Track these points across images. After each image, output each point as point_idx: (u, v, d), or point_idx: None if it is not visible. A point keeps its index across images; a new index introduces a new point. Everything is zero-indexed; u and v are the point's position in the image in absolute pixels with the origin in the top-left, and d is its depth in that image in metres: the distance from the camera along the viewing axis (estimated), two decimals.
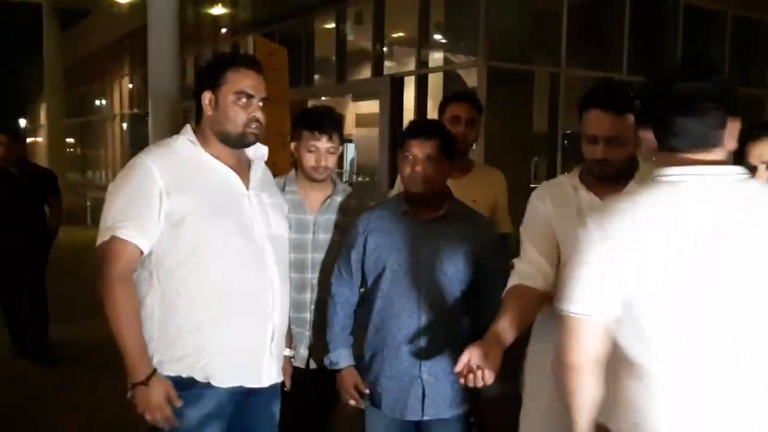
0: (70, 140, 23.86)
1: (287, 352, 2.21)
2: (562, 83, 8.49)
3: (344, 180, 12.79)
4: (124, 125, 19.98)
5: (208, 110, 1.97)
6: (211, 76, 1.98)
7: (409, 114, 8.93)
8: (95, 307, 1.90)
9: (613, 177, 1.91)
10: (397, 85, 9.18)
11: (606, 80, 8.47)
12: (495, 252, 2.13)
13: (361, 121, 13.68)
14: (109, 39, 19.92)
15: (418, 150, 2.06)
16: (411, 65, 9.21)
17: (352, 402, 2.20)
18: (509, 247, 2.57)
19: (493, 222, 2.22)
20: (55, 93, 17.52)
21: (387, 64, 10.04)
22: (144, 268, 1.90)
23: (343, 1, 10.49)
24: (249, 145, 2.01)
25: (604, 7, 9.31)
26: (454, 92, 2.80)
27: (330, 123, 2.38)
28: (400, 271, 2.08)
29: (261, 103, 1.98)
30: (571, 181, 2.02)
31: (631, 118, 1.84)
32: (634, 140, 1.84)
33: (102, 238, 1.85)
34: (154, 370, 1.86)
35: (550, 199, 2.05)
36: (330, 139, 2.35)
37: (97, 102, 23.41)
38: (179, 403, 1.87)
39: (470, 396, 2.12)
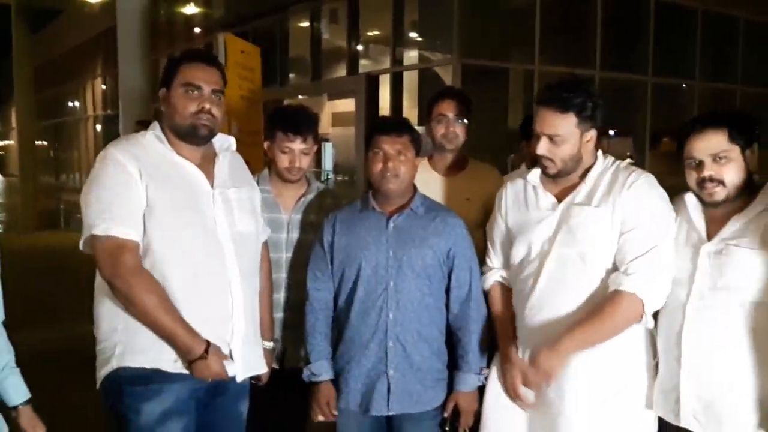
0: (43, 143, 23.48)
1: (267, 344, 2.20)
2: (537, 80, 8.53)
3: (324, 179, 12.77)
4: (98, 127, 19.72)
5: (162, 107, 1.96)
6: (165, 74, 1.98)
7: (384, 112, 8.92)
8: (72, 308, 1.87)
9: (560, 175, 1.96)
10: (372, 83, 9.16)
11: (568, 76, 8.53)
12: (465, 247, 2.11)
13: (338, 120, 13.64)
14: (81, 39, 19.65)
15: (389, 146, 2.05)
16: (386, 63, 9.19)
17: (320, 418, 2.18)
18: None
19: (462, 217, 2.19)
20: (25, 95, 17.20)
21: (362, 62, 10.02)
22: None
23: None
24: (203, 137, 1.97)
25: (577, 3, 9.36)
26: (442, 89, 2.76)
27: (305, 124, 2.36)
28: (368, 267, 2.07)
29: (216, 96, 1.95)
30: (532, 180, 2.05)
31: (572, 118, 1.89)
32: (579, 138, 1.91)
33: (85, 235, 1.83)
34: (208, 343, 1.87)
35: (506, 201, 2.13)
36: (304, 140, 2.34)
37: (70, 103, 23.07)
38: (154, 408, 1.86)
39: (444, 391, 2.13)
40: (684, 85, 10.26)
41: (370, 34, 10.21)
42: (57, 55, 22.04)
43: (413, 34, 9.67)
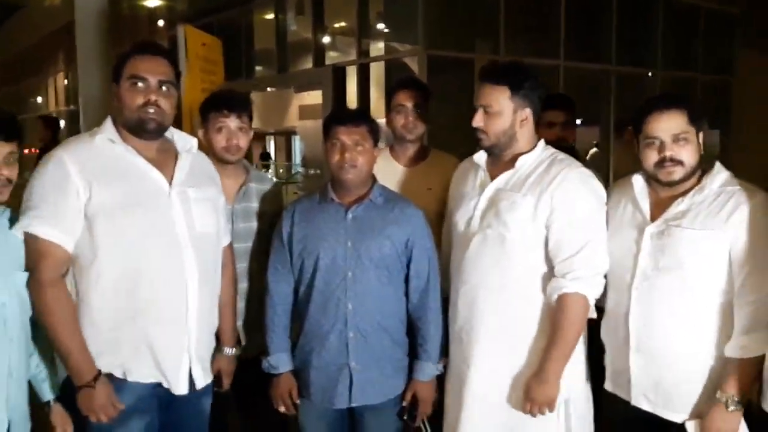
0: None
1: (229, 351, 2.18)
2: None
3: (294, 173, 12.65)
4: (62, 122, 19.40)
5: (114, 102, 1.93)
6: (115, 69, 1.94)
7: (352, 104, 8.89)
8: None
9: (494, 149, 2.03)
10: (339, 75, 9.12)
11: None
12: (423, 236, 2.12)
13: (305, 112, 13.56)
14: (42, 34, 19.26)
15: (346, 137, 2.04)
16: (352, 55, 9.17)
17: (282, 409, 2.17)
18: None
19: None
20: None
21: (329, 54, 9.99)
22: None
23: None
24: (151, 130, 1.92)
25: None
26: (399, 79, 2.76)
27: (237, 101, 2.33)
28: (327, 258, 2.06)
29: (165, 88, 1.91)
30: (477, 159, 2.12)
31: (506, 91, 1.96)
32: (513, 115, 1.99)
33: (18, 229, 1.79)
34: (99, 372, 1.82)
35: (454, 181, 2.21)
36: (239, 117, 2.31)
37: (33, 100, 22.65)
38: (122, 406, 1.85)
39: (404, 380, 2.13)
40: (650, 74, 10.39)
41: (336, 25, 10.18)
42: (19, 51, 21.62)
43: (379, 26, 9.66)
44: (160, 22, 12.85)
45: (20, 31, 21.53)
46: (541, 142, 2.06)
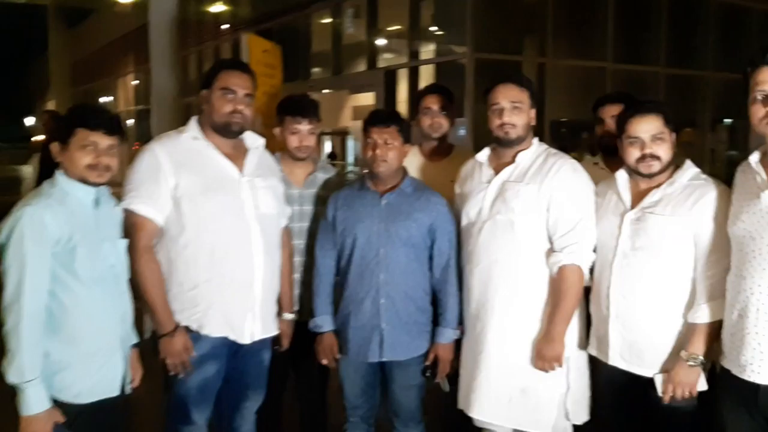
0: None
1: (288, 316, 2.61)
2: (548, 73, 8.82)
3: (347, 172, 13.16)
4: (131, 121, 20.36)
5: (203, 105, 2.38)
6: (207, 78, 2.41)
7: (402, 105, 9.26)
8: None
9: (517, 141, 2.38)
10: (390, 77, 9.52)
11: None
12: (445, 221, 2.49)
13: (358, 113, 13.99)
14: (113, 37, 20.25)
15: (378, 135, 2.44)
16: (404, 58, 9.52)
17: (324, 361, 2.60)
18: None
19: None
20: (62, 90, 17.90)
21: (382, 56, 10.35)
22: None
23: None
24: (235, 132, 2.40)
25: None
26: (426, 86, 3.18)
27: (309, 108, 2.76)
28: (362, 237, 2.47)
29: (248, 99, 2.38)
30: (479, 158, 2.50)
31: (527, 92, 2.37)
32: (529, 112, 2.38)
33: (120, 206, 2.22)
34: (177, 325, 2.27)
35: (461, 179, 2.58)
36: (310, 122, 2.73)
37: (103, 99, 23.78)
38: (194, 354, 2.29)
39: (427, 341, 2.51)
40: (703, 75, 10.39)
41: (388, 29, 10.54)
42: (91, 52, 22.74)
43: (430, 29, 9.98)
44: (224, 27, 13.49)
45: (93, 33, 22.57)
46: (536, 140, 2.44)
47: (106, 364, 2.05)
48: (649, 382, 2.17)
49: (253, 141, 2.49)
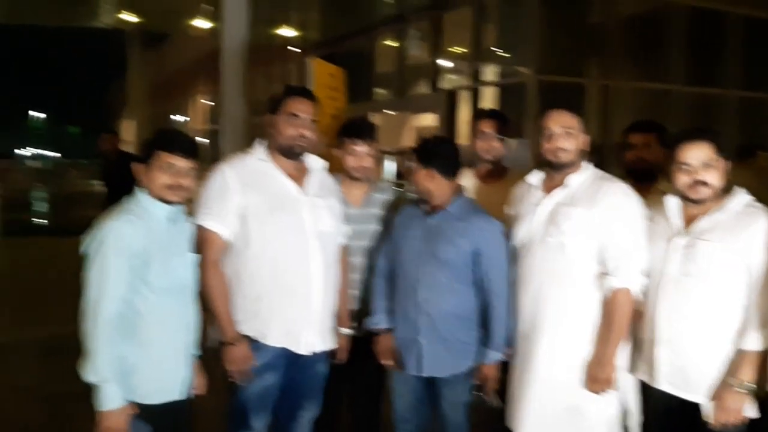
0: None
1: (345, 331, 2.73)
2: (613, 95, 8.73)
3: (408, 192, 13.30)
4: (203, 140, 21.08)
5: (269, 128, 2.55)
6: (273, 103, 2.58)
7: (464, 127, 9.33)
8: None
9: (569, 165, 2.44)
10: (452, 99, 9.62)
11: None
12: (490, 246, 2.52)
13: (420, 134, 14.15)
14: (187, 59, 21.12)
15: (419, 171, 2.55)
16: (466, 80, 9.61)
17: (383, 362, 2.69)
18: None
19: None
20: (139, 110, 18.73)
21: (445, 78, 10.47)
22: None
23: (404, 19, 11.02)
24: (298, 155, 2.55)
25: (655, 19, 9.46)
26: (481, 109, 3.26)
27: (366, 130, 2.88)
28: (407, 254, 2.58)
29: (311, 124, 2.53)
30: (531, 180, 2.57)
31: (577, 118, 2.46)
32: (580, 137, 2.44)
33: (192, 222, 2.38)
34: (239, 335, 2.43)
35: (512, 201, 2.65)
36: (368, 144, 2.85)
37: (177, 118, 24.71)
38: (255, 363, 2.43)
39: (471, 359, 2.56)
40: None
41: (451, 51, 10.67)
42: (167, 74, 23.75)
43: (492, 51, 10.04)
44: (292, 50, 13.91)
45: (169, 57, 23.56)
46: (586, 163, 2.47)
47: (173, 368, 2.21)
48: (697, 407, 2.17)
49: (315, 163, 2.64)
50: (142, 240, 2.09)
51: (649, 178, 2.78)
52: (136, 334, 2.11)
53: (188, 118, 22.92)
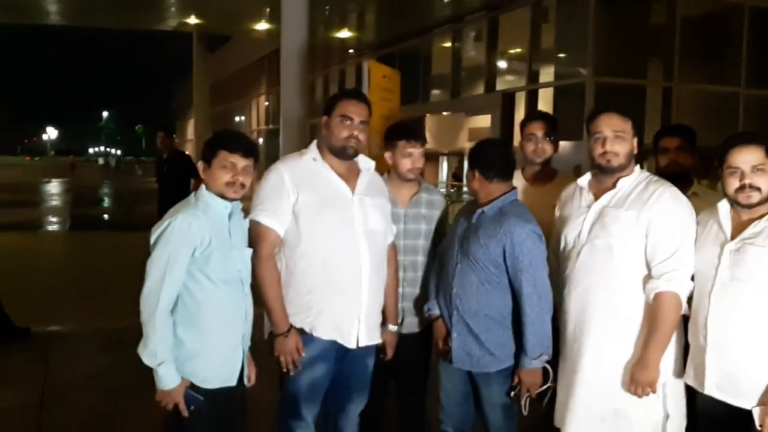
0: None
1: (393, 328, 2.80)
2: (675, 97, 8.54)
3: (463, 193, 13.37)
4: (261, 140, 21.54)
5: (323, 129, 2.65)
6: (327, 106, 2.68)
7: (518, 128, 9.26)
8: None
9: (620, 168, 2.43)
10: (507, 100, 9.59)
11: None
12: (521, 249, 2.47)
13: (474, 135, 14.10)
14: (248, 61, 21.63)
15: (470, 175, 2.62)
16: (522, 81, 9.55)
17: (441, 347, 2.72)
18: None
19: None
20: (202, 110, 19.26)
21: (501, 78, 10.43)
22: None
23: (460, 20, 11.03)
24: (350, 155, 2.63)
25: (717, 20, 9.21)
26: (530, 113, 3.28)
27: (419, 132, 2.96)
28: (450, 250, 2.66)
29: (363, 126, 2.62)
30: (580, 183, 2.56)
31: (629, 122, 2.43)
32: (632, 141, 2.42)
33: (248, 218, 2.51)
34: (291, 326, 2.53)
35: (561, 203, 2.65)
36: (422, 145, 2.93)
37: (237, 118, 25.30)
38: (306, 354, 2.52)
39: (508, 360, 2.57)
40: None
41: (508, 52, 10.63)
42: (228, 75, 24.35)
43: (550, 52, 9.96)
44: (350, 51, 14.09)
45: (230, 58, 24.17)
46: (638, 167, 2.47)
47: (230, 355, 2.33)
48: (746, 413, 2.15)
49: (366, 163, 2.72)
50: (205, 233, 2.21)
51: (683, 181, 2.75)
52: (195, 322, 2.23)
53: (247, 118, 23.45)
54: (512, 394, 2.57)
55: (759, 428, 2.11)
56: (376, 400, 2.84)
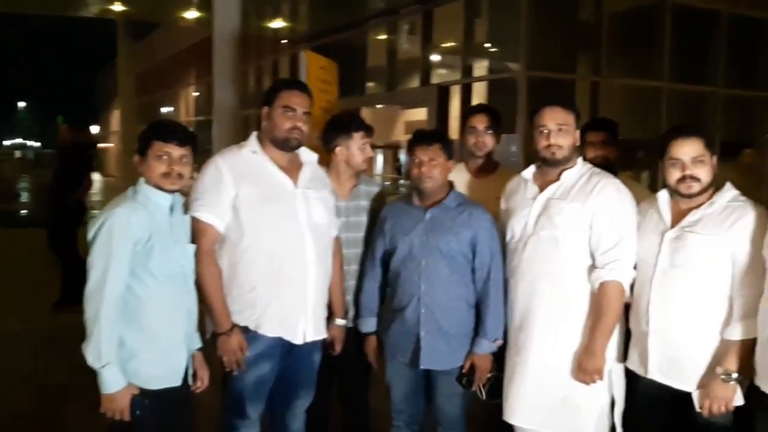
0: None
1: (341, 322, 2.76)
2: (603, 92, 8.79)
3: (400, 186, 13.47)
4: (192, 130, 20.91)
5: (264, 120, 2.57)
6: (268, 95, 2.59)
7: (454, 121, 9.37)
8: None
9: (562, 162, 2.47)
10: (443, 93, 9.64)
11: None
12: (487, 236, 2.58)
13: (410, 128, 14.18)
14: (176, 50, 21.01)
15: (423, 154, 2.57)
16: (457, 74, 9.63)
17: (370, 359, 2.76)
18: None
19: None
20: (127, 100, 18.63)
21: (436, 72, 10.49)
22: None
23: (395, 13, 11.02)
24: (293, 147, 2.57)
25: (644, 16, 9.54)
26: (472, 105, 3.31)
27: (367, 125, 2.93)
28: (406, 248, 2.61)
29: (306, 117, 2.55)
30: (525, 175, 2.59)
31: (573, 115, 2.49)
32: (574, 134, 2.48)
33: (188, 213, 2.41)
34: (233, 325, 2.45)
35: (506, 195, 2.69)
36: (371, 136, 2.91)
37: (165, 109, 24.59)
38: (250, 352, 2.45)
39: (466, 353, 2.60)
40: (764, 96, 10.14)
41: (442, 46, 10.69)
42: (155, 64, 23.61)
43: (483, 46, 10.08)
44: (283, 42, 13.88)
45: (157, 47, 23.43)
46: (580, 159, 2.53)
47: (173, 354, 2.24)
48: (687, 396, 2.23)
49: (308, 156, 2.66)
50: (145, 228, 2.13)
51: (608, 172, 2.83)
52: (135, 319, 2.14)
53: (176, 109, 22.82)
54: (464, 381, 2.59)
55: (699, 410, 2.20)
56: (320, 395, 2.81)
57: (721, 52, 9.62)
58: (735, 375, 2.12)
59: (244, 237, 2.47)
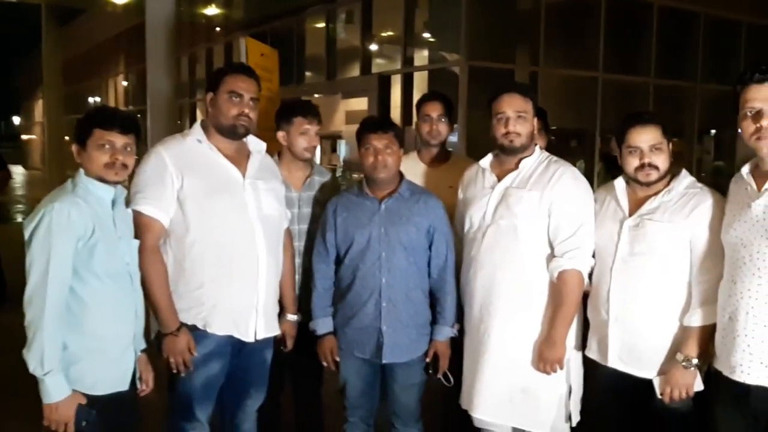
0: (66, 138, 24.13)
1: (292, 317, 2.65)
2: (541, 81, 8.93)
3: (339, 175, 13.33)
4: None
5: (209, 107, 2.42)
6: (213, 81, 2.44)
7: (396, 111, 9.33)
8: None
9: (521, 150, 2.44)
10: (384, 83, 9.59)
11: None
12: (443, 224, 2.55)
13: (351, 118, 14.07)
14: (104, 37, 20.20)
15: (377, 142, 2.49)
16: (398, 64, 9.59)
17: (325, 363, 2.65)
18: None
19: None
20: (53, 90, 17.76)
21: (376, 62, 10.43)
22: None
23: (333, 1, 10.88)
24: (241, 135, 2.44)
25: (580, 8, 9.73)
26: (426, 93, 3.24)
27: (316, 110, 2.84)
28: (363, 242, 2.52)
29: (253, 103, 2.42)
30: (482, 164, 2.56)
31: (530, 102, 2.44)
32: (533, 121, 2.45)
33: (129, 207, 2.25)
34: (181, 324, 2.31)
35: (464, 184, 2.64)
36: (319, 123, 2.81)
37: (92, 99, 23.66)
38: (199, 352, 2.32)
39: (426, 342, 2.56)
40: (690, 86, 10.54)
41: (382, 35, 10.63)
42: (82, 52, 22.62)
43: (423, 36, 10.07)
44: (218, 29, 13.52)
45: (84, 33, 22.48)
46: (538, 147, 2.50)
47: (120, 357, 2.10)
48: (647, 383, 2.24)
49: (256, 145, 2.54)
50: (88, 223, 1.97)
51: None
52: (79, 322, 1.99)
53: (104, 99, 21.98)
54: (430, 370, 2.56)
55: (660, 397, 2.21)
56: (271, 394, 2.70)
57: (653, 43, 9.93)
58: (695, 361, 2.14)
59: (190, 231, 2.32)
